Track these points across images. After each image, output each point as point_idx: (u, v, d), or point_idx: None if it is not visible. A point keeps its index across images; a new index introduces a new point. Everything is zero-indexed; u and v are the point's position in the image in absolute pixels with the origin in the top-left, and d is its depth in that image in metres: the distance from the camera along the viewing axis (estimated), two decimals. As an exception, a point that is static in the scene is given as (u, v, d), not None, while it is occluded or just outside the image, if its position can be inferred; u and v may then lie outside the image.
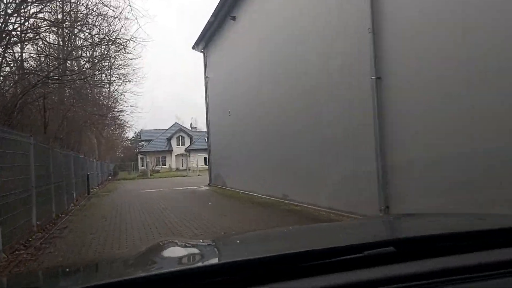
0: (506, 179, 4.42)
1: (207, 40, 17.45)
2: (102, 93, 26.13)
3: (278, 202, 10.10)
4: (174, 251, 1.44)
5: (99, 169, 28.29)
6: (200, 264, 1.26)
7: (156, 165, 53.19)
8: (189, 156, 56.04)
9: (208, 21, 15.66)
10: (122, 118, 29.14)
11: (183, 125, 62.65)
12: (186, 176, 37.22)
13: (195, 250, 1.46)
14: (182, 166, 57.34)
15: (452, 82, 5.22)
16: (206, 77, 18.44)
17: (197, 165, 41.40)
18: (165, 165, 56.37)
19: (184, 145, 57.66)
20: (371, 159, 6.47)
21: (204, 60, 18.59)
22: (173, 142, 57.67)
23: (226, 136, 15.72)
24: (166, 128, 61.59)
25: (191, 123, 68.95)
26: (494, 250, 1.04)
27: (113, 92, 29.09)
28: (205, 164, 17.84)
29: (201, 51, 18.59)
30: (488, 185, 4.65)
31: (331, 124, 7.98)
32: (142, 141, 64.14)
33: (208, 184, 18.61)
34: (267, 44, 11.39)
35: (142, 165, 54.13)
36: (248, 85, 13.14)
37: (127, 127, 36.57)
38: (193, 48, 18.82)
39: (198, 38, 17.71)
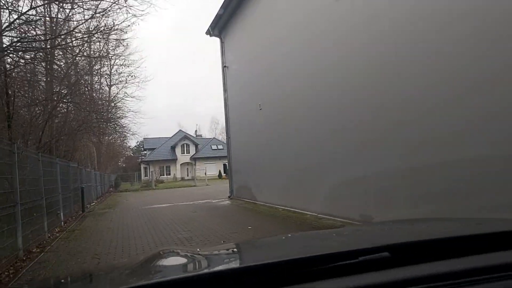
0: None
1: (226, 19, 14.25)
2: (101, 91, 23.01)
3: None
4: (174, 260, 1.43)
5: (98, 180, 25.01)
6: (198, 272, 1.22)
7: (160, 175, 49.89)
8: (195, 164, 52.83)
9: (229, -8, 12.50)
10: (123, 123, 26.07)
11: (188, 133, 59.46)
12: (195, 186, 34.07)
13: (195, 259, 1.43)
14: (188, 175, 54.13)
15: None
16: (224, 67, 15.20)
17: (205, 174, 38.00)
18: (170, 174, 53.07)
19: (189, 153, 54.51)
20: None
21: (222, 46, 15.36)
22: (178, 150, 54.47)
23: (255, 136, 12.41)
24: (170, 136, 58.43)
25: (195, 130, 65.88)
26: (489, 253, 1.03)
27: (114, 95, 26.03)
28: (224, 172, 14.27)
29: (218, 36, 15.38)
30: None
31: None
32: (145, 150, 61.01)
33: (229, 197, 15.26)
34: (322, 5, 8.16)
35: (146, 175, 50.93)
36: (289, 67, 9.90)
37: (130, 134, 33.50)
38: (207, 33, 15.62)
39: (214, 18, 14.51)
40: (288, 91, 10.03)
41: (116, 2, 7.43)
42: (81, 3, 7.24)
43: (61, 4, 7.25)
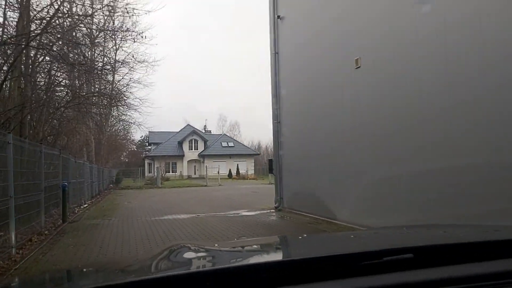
0: None
1: None
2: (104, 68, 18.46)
3: None
4: (185, 255, 1.36)
5: (95, 175, 20.41)
6: (201, 269, 1.15)
7: (166, 172, 45.20)
8: (203, 162, 48.26)
9: None
10: (131, 105, 21.54)
11: (196, 128, 54.74)
12: (206, 186, 29.52)
13: (206, 254, 1.38)
14: (195, 173, 49.57)
15: None
16: (277, 17, 10.52)
17: (218, 173, 33.36)
18: (175, 172, 48.39)
19: (197, 149, 49.94)
20: None
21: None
22: (185, 146, 49.86)
23: (340, 113, 7.73)
24: (177, 130, 53.81)
25: (204, 126, 61.14)
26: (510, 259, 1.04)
27: (119, 80, 21.51)
28: (270, 171, 9.50)
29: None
30: None
31: None
32: (149, 144, 56.44)
33: (277, 208, 10.55)
34: None
35: (149, 172, 46.31)
36: None
37: (136, 124, 29.08)
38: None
39: None
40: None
41: None
42: None
43: None
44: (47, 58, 10.32)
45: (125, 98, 17.74)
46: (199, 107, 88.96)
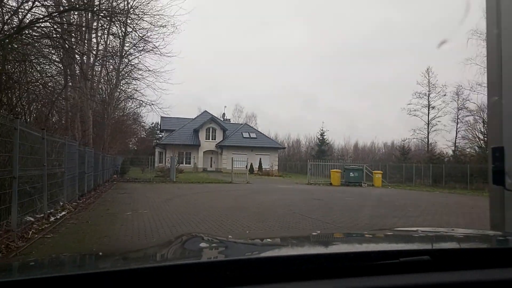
0: None
1: None
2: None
3: None
4: (200, 245, 1.37)
5: (90, 163, 14.19)
6: (219, 259, 1.19)
7: (179, 163, 38.96)
8: (221, 153, 42.15)
9: None
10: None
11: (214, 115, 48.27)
12: (230, 182, 23.29)
13: (220, 245, 1.38)
14: (211, 166, 43.41)
15: None
16: None
17: (246, 167, 27.02)
18: (189, 163, 42.06)
19: (215, 139, 43.69)
20: None
21: None
22: (202, 135, 43.59)
23: None
24: (193, 117, 47.52)
25: (223, 113, 54.74)
26: None
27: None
28: (496, 181, 2.19)
29: None
30: None
31: None
32: (161, 131, 50.33)
33: None
34: None
35: (160, 162, 40.11)
36: None
37: (150, 104, 23.02)
38: None
39: None
40: None
41: None
42: None
43: None
44: None
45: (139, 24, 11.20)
46: (210, 99, 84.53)
